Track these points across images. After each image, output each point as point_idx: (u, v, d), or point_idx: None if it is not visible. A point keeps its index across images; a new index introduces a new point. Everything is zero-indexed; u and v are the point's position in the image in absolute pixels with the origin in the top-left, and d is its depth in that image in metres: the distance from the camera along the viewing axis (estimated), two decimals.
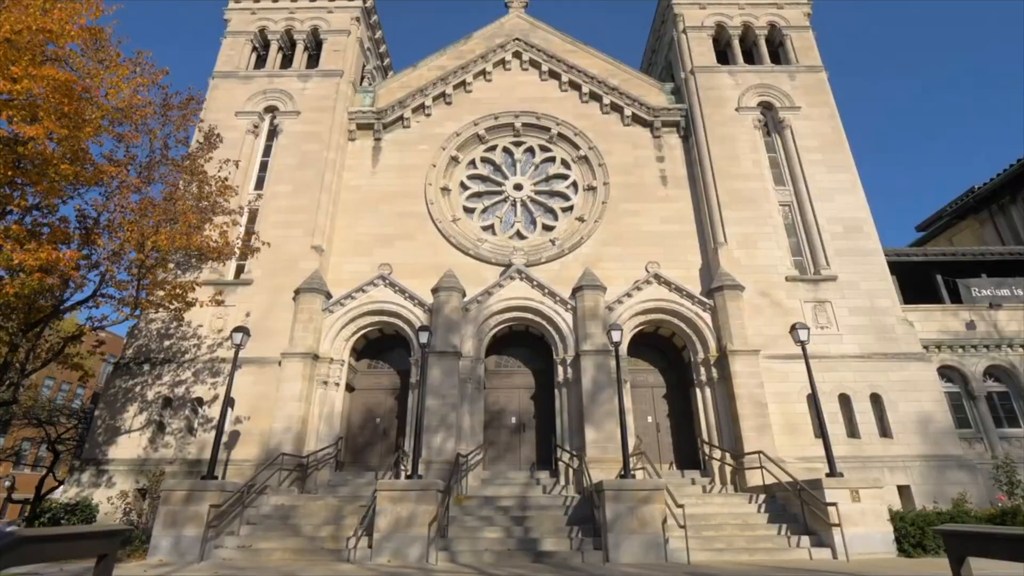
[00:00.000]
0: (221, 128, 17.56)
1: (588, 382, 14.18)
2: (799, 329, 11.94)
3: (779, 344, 14.97)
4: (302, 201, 16.94)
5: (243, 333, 11.87)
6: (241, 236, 14.47)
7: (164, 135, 13.16)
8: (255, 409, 14.30)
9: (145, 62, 12.61)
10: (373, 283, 15.70)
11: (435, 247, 17.15)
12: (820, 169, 17.32)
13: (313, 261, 16.00)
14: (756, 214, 16.76)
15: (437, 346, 14.55)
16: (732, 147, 17.74)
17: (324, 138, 17.88)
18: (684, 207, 17.70)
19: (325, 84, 18.98)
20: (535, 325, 15.86)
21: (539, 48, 19.99)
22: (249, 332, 12.41)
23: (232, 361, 11.97)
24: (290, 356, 14.34)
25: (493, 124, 19.07)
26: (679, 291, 15.51)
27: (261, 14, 20.42)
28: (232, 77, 19.09)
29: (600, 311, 15.10)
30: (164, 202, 11.50)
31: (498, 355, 16.76)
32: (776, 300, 15.57)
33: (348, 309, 15.50)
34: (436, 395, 13.99)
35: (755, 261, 16.09)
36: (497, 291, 15.64)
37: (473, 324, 15.33)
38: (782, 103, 18.45)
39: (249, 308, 15.50)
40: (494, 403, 15.92)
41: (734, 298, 15.06)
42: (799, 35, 19.79)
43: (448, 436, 13.61)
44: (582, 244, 17.13)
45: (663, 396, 16.16)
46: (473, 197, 18.54)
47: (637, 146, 18.79)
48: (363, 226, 17.49)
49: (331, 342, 15.18)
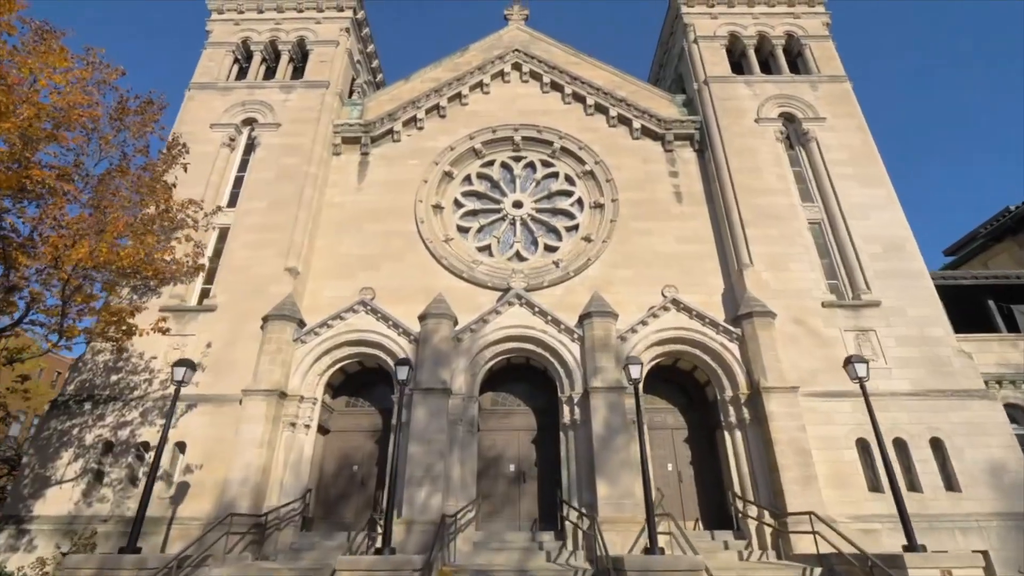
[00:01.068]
0: (193, 141, 16.34)
1: (599, 425, 12.25)
2: (855, 363, 10.13)
3: (819, 380, 13.12)
4: (277, 218, 15.44)
5: (186, 368, 10.08)
6: (189, 253, 12.75)
7: (119, 142, 11.79)
8: (210, 456, 12.35)
9: (98, 61, 11.36)
10: (352, 309, 13.99)
11: (425, 269, 15.54)
12: (852, 184, 15.85)
13: (286, 285, 14.36)
14: (784, 232, 15.18)
15: (423, 382, 12.71)
16: (753, 160, 16.34)
17: (305, 151, 16.55)
18: (702, 226, 16.16)
19: (309, 95, 17.83)
20: (537, 358, 14.04)
21: (540, 59, 18.95)
22: (195, 366, 10.61)
23: (172, 399, 10.15)
24: (252, 394, 12.49)
25: (491, 138, 17.80)
26: (701, 318, 13.75)
27: (245, 25, 19.53)
28: (210, 88, 17.96)
29: (612, 341, 13.31)
30: (96, 212, 9.94)
31: (494, 392, 14.88)
32: (812, 329, 13.79)
33: (323, 339, 13.74)
34: (420, 440, 12.06)
35: (786, 284, 14.39)
36: (493, 318, 13.90)
37: (466, 356, 13.52)
38: (805, 114, 17.17)
39: (211, 337, 13.76)
40: (489, 448, 13.93)
41: (765, 326, 13.29)
42: (819, 44, 18.73)
43: (434, 490, 11.60)
44: (589, 266, 15.51)
45: (684, 440, 14.17)
46: (468, 216, 17.06)
47: (648, 160, 17.42)
48: (345, 246, 15.93)
49: (302, 377, 13.35)
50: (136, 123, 11.70)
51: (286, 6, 19.70)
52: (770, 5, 19.53)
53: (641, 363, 10.73)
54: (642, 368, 10.58)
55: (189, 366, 10.13)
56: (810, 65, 18.43)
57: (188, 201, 13.22)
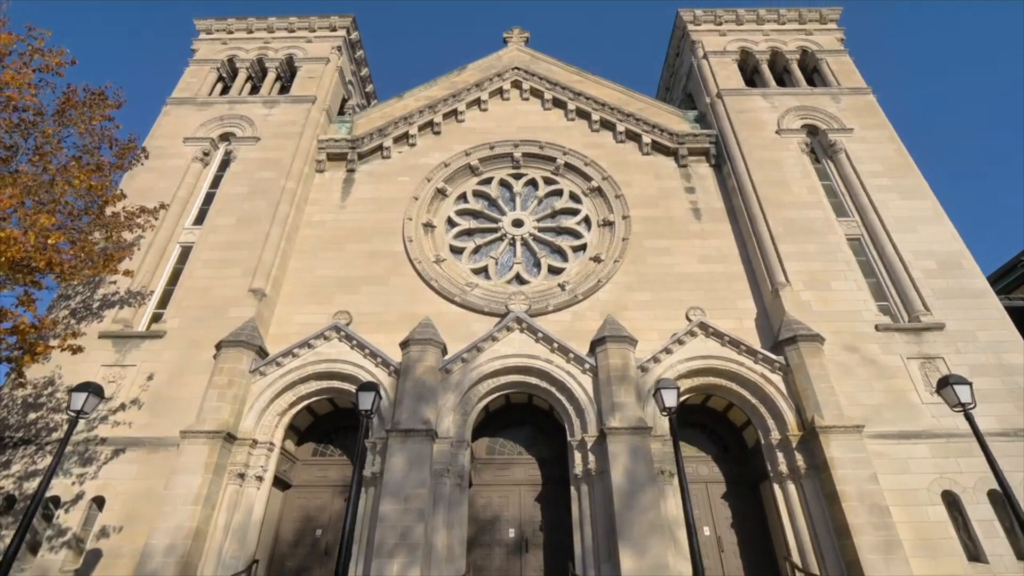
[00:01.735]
0: (163, 156, 15.07)
1: (620, 476, 9.91)
2: (954, 385, 7.99)
3: (884, 417, 10.89)
4: (246, 236, 13.78)
5: (88, 393, 7.94)
6: (110, 248, 10.69)
7: (59, 137, 10.33)
8: (134, 515, 9.95)
9: (43, 46, 10.12)
10: (323, 336, 11.99)
11: (412, 293, 13.69)
12: (891, 196, 14.27)
13: (248, 308, 12.46)
14: (821, 248, 13.42)
15: (402, 422, 10.50)
16: (778, 172, 14.88)
17: (284, 165, 15.17)
18: (726, 244, 14.45)
19: (294, 110, 16.72)
20: (541, 394, 11.87)
21: (541, 76, 18.02)
22: (100, 390, 8.39)
23: (62, 441, 7.91)
24: (192, 436, 10.26)
25: (488, 154, 16.50)
26: (736, 345, 11.70)
27: (233, 44, 18.84)
28: (188, 104, 16.90)
29: (630, 372, 11.20)
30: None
31: (490, 437, 12.61)
32: (868, 356, 11.70)
33: (287, 371, 11.65)
34: (395, 496, 9.69)
35: (830, 306, 12.45)
36: (489, 346, 11.86)
37: (455, 392, 11.38)
38: (829, 125, 15.90)
39: (154, 368, 11.70)
40: (484, 507, 11.49)
41: (814, 352, 11.22)
42: (835, 59, 17.83)
43: (410, 562, 9.11)
44: (600, 288, 13.66)
45: (723, 496, 11.71)
46: (463, 235, 15.42)
47: (660, 176, 16.00)
48: (323, 268, 14.17)
49: (257, 417, 11.15)
50: (83, 117, 10.27)
51: (277, 26, 19.11)
52: (780, 23, 18.86)
53: (677, 387, 8.57)
54: (678, 394, 8.41)
55: (94, 391, 8.01)
56: (828, 79, 17.43)
57: (140, 209, 11.60)
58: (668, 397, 8.15)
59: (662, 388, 8.29)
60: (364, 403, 8.14)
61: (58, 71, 10.22)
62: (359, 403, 8.22)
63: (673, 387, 8.35)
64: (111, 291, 12.71)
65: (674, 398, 8.14)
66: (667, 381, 8.66)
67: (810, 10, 18.76)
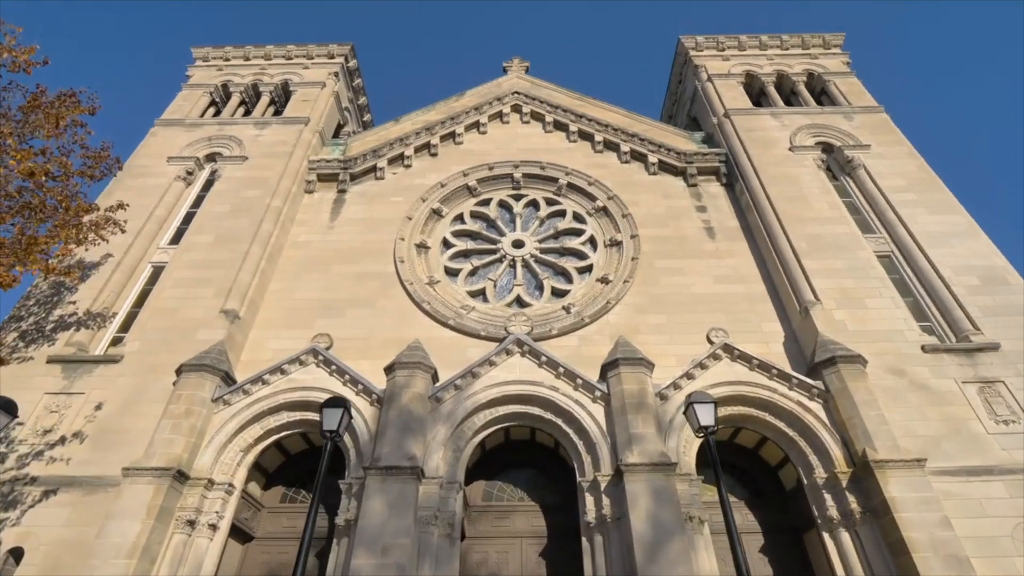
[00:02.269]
0: (144, 175, 14.45)
1: (642, 523, 8.37)
2: None
3: (945, 450, 9.45)
4: (223, 254, 12.83)
5: None
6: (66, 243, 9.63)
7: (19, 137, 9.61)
8: (57, 570, 8.35)
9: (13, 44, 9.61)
10: (299, 360, 10.75)
11: (402, 316, 12.57)
12: (919, 211, 13.42)
13: (218, 330, 11.30)
14: (850, 264, 12.40)
15: (383, 457, 9.08)
16: (795, 188, 14.12)
17: (270, 184, 14.47)
18: (744, 263, 13.46)
19: (285, 130, 16.26)
20: (545, 427, 10.47)
21: (542, 100, 17.72)
22: (13, 407, 7.07)
23: None
24: (136, 473, 8.82)
25: (487, 175, 15.86)
26: (766, 370, 10.42)
27: (228, 70, 18.74)
28: (176, 125, 16.48)
29: (648, 399, 9.86)
30: None
31: (487, 480, 11.07)
32: (918, 380, 10.38)
33: (254, 400, 10.32)
34: (371, 548, 8.12)
35: (867, 325, 11.26)
36: (487, 372, 10.58)
37: (447, 424, 10.00)
38: (844, 142, 15.32)
39: (105, 397, 10.40)
40: (479, 564, 9.82)
41: (856, 375, 9.92)
42: (843, 80, 17.57)
43: None
44: (609, 310, 12.54)
45: (760, 550, 10.04)
46: (459, 257, 14.48)
47: (669, 196, 15.25)
48: (305, 290, 13.12)
49: (216, 453, 9.72)
50: (51, 117, 9.59)
51: (274, 54, 19.10)
52: (783, 48, 18.81)
53: (713, 401, 7.21)
54: (715, 409, 7.03)
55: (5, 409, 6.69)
56: (838, 99, 17.07)
57: (105, 219, 10.71)
58: (704, 414, 6.81)
59: (695, 402, 6.95)
60: (329, 422, 6.80)
61: (26, 69, 9.63)
62: (323, 422, 6.89)
63: (709, 401, 7.03)
64: (68, 312, 11.63)
65: (711, 415, 6.81)
66: (701, 394, 7.33)
67: (813, 36, 18.76)
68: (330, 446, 7.54)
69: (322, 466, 6.81)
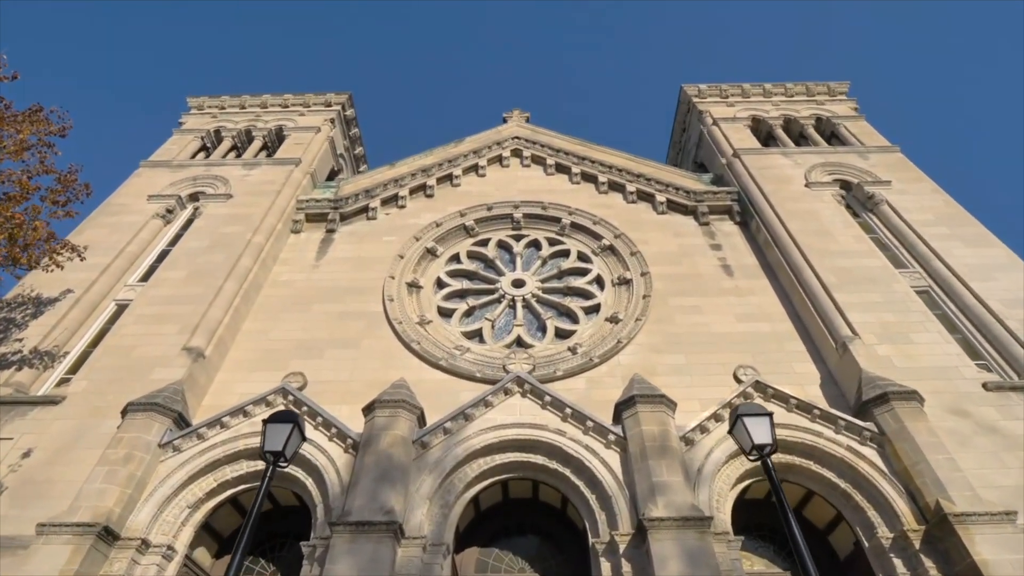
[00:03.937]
0: (122, 213, 14.37)
1: None
2: None
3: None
4: (194, 289, 12.28)
5: None
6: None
7: None
8: None
9: None
10: (266, 401, 9.79)
11: (388, 357, 11.77)
12: (954, 244, 13.00)
13: (177, 369, 10.45)
14: (888, 297, 11.75)
15: (354, 510, 7.89)
16: (816, 222, 13.83)
17: (254, 220, 14.24)
18: (768, 301, 12.83)
19: (274, 171, 16.37)
20: (550, 479, 9.28)
21: (544, 144, 18.04)
22: None
23: None
24: (51, 531, 7.61)
25: (486, 215, 15.71)
26: (806, 411, 9.41)
27: (223, 117, 19.34)
28: (162, 166, 16.65)
29: (672, 442, 8.79)
30: None
31: (481, 547, 9.68)
32: (986, 423, 9.33)
33: (210, 445, 9.26)
34: None
35: (916, 362, 10.39)
36: (481, 414, 9.58)
37: (433, 474, 8.85)
38: (863, 179, 15.28)
39: (37, 442, 9.36)
40: None
41: (915, 415, 8.91)
42: (854, 123, 17.97)
43: None
44: (620, 351, 11.73)
45: None
46: (454, 297, 13.91)
47: (680, 235, 14.97)
48: (282, 330, 12.42)
49: (156, 508, 8.51)
50: (13, 129, 9.49)
51: (271, 103, 19.83)
52: (788, 96, 19.49)
53: (768, 413, 6.08)
54: (771, 424, 5.85)
55: None
56: (850, 140, 17.34)
57: (62, 244, 10.29)
58: (757, 429, 5.67)
59: (744, 415, 5.80)
60: (272, 441, 5.68)
61: None
62: (264, 441, 5.80)
63: (763, 413, 5.94)
64: (13, 350, 10.86)
65: (767, 430, 5.68)
66: (752, 405, 6.30)
67: (817, 84, 19.50)
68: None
69: (256, 504, 5.63)
